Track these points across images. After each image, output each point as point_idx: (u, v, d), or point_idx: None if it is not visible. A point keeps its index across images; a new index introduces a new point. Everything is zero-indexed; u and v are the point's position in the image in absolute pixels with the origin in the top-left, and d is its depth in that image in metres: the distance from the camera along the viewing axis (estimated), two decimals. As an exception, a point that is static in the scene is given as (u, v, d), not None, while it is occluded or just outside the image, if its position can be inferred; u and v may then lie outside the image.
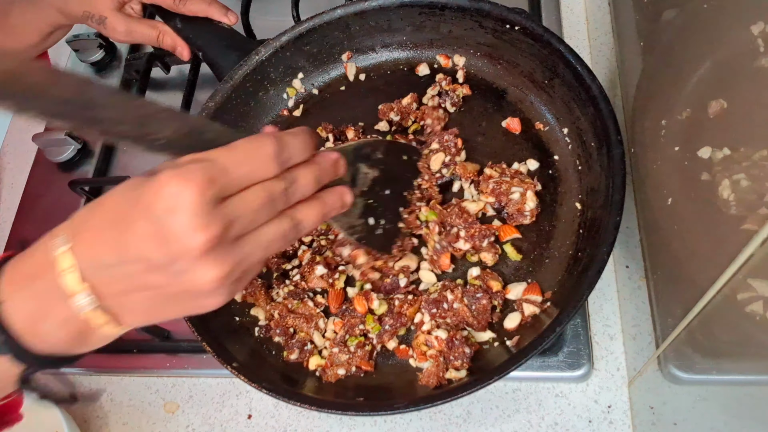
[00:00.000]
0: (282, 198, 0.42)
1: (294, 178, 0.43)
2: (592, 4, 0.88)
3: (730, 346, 0.46)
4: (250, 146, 0.41)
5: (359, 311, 0.63)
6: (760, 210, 0.37)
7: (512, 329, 0.61)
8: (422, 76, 0.78)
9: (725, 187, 0.41)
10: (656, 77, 0.60)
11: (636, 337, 0.64)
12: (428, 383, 0.59)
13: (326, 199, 0.47)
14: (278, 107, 0.80)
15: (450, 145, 0.69)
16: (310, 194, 0.45)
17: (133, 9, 0.81)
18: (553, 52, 0.67)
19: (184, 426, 0.73)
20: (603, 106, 0.62)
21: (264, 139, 0.41)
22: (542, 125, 0.71)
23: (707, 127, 0.47)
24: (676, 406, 0.55)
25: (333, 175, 0.48)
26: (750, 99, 0.43)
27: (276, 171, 0.42)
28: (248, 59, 0.75)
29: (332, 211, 0.48)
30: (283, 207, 0.43)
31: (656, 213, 0.59)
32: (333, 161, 0.48)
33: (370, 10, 0.75)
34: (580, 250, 0.62)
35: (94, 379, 0.78)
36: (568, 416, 0.66)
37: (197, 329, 0.61)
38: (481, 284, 0.63)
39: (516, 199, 0.65)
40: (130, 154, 0.92)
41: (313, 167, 0.45)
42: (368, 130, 0.76)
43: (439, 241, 0.65)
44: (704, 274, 0.42)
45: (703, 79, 0.50)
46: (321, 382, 0.63)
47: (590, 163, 0.65)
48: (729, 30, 0.47)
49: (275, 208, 0.42)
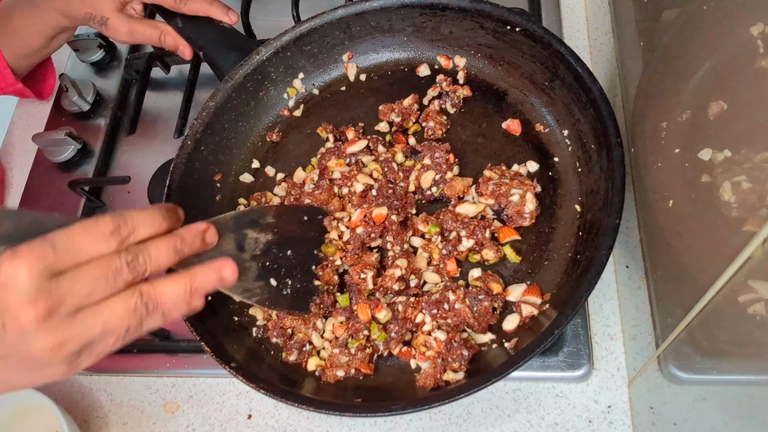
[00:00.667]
0: (125, 272, 0.43)
1: (140, 251, 0.45)
2: (592, 4, 0.89)
3: (730, 346, 0.46)
4: (87, 224, 0.43)
5: (362, 319, 0.63)
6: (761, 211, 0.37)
7: (511, 331, 0.61)
8: (423, 76, 0.78)
9: (726, 190, 0.41)
10: (656, 78, 0.60)
11: (636, 337, 0.64)
12: (425, 384, 0.59)
13: (196, 272, 0.48)
14: (279, 107, 0.80)
15: (441, 162, 0.69)
16: (168, 265, 0.47)
17: (135, 9, 0.81)
18: (554, 53, 0.67)
19: (184, 426, 0.73)
20: (603, 109, 0.62)
21: (103, 217, 0.44)
22: (542, 127, 0.71)
23: (708, 128, 0.47)
24: (676, 406, 0.55)
25: (200, 246, 0.50)
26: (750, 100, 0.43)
27: (114, 246, 0.43)
28: (249, 59, 0.75)
29: (207, 285, 0.49)
30: (129, 281, 0.44)
31: (656, 214, 0.59)
32: (197, 232, 0.50)
33: (371, 10, 0.75)
34: (579, 253, 0.62)
35: (94, 379, 0.78)
36: (568, 416, 0.66)
37: (196, 329, 0.61)
38: (482, 285, 0.63)
39: (515, 201, 0.65)
40: (130, 154, 0.92)
41: (169, 239, 0.47)
42: (368, 131, 0.77)
43: (444, 248, 0.65)
44: (704, 275, 0.42)
45: (703, 81, 0.50)
46: (320, 383, 0.63)
47: (590, 165, 0.65)
48: (728, 31, 0.47)
49: (117, 283, 0.43)
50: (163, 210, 0.48)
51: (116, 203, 0.88)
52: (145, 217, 0.45)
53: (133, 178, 0.85)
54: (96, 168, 0.91)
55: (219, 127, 0.75)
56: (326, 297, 0.64)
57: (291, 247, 0.64)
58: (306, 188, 0.72)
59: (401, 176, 0.70)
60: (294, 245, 0.64)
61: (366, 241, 0.66)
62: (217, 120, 0.74)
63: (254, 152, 0.78)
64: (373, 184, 0.69)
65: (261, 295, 0.60)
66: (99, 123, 0.95)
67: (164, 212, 0.48)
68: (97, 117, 0.96)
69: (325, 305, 0.64)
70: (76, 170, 0.92)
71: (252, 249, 0.61)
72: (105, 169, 0.91)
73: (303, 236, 0.66)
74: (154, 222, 0.46)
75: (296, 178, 0.75)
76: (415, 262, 0.65)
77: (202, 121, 0.73)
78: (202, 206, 0.73)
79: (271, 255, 0.62)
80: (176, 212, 0.50)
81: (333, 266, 0.65)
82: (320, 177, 0.73)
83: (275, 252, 0.62)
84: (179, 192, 0.70)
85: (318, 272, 0.65)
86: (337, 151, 0.73)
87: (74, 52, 1.01)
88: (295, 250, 0.64)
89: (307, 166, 0.76)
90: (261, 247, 0.61)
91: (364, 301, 0.63)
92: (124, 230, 0.44)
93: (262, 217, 0.63)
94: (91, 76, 1.00)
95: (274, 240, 0.63)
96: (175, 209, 0.50)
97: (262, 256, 0.61)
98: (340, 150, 0.73)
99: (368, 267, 0.64)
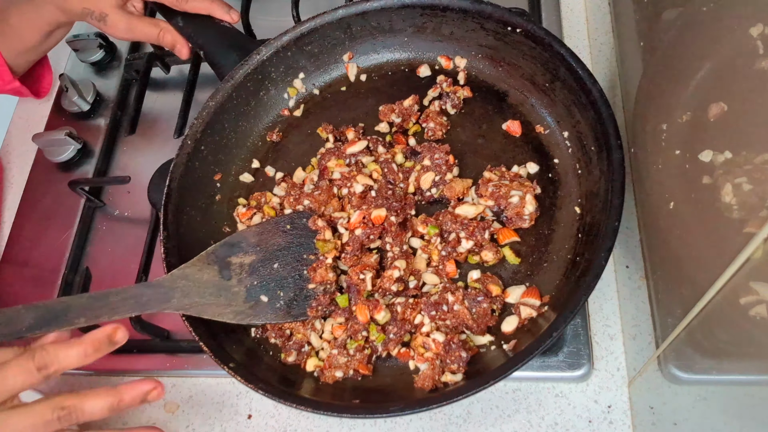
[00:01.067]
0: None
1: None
2: (592, 4, 0.89)
3: (730, 346, 0.46)
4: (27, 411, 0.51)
5: (361, 320, 0.63)
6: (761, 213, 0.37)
7: (509, 332, 0.61)
8: (423, 77, 0.78)
9: (727, 191, 0.41)
10: (656, 79, 0.60)
11: (636, 337, 0.65)
12: (424, 386, 0.59)
13: (85, 339, 0.53)
14: (279, 107, 0.80)
15: (440, 163, 0.69)
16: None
17: (135, 7, 0.81)
18: (555, 55, 0.67)
19: (184, 426, 0.73)
20: (603, 111, 0.62)
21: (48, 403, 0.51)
22: (543, 128, 0.71)
23: (708, 130, 0.47)
24: (676, 406, 0.55)
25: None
26: (750, 101, 0.43)
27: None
28: (249, 58, 0.75)
29: (94, 355, 0.54)
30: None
31: (657, 215, 0.59)
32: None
33: (371, 10, 0.75)
34: (579, 255, 0.62)
35: (94, 380, 0.78)
36: (568, 416, 0.66)
37: (195, 329, 0.61)
38: (481, 287, 0.63)
39: (515, 203, 0.65)
40: (130, 154, 0.92)
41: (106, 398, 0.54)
42: (368, 131, 0.77)
43: (443, 249, 0.65)
44: (705, 275, 0.42)
45: (704, 82, 0.50)
46: (318, 384, 0.63)
47: (590, 167, 0.65)
48: (728, 32, 0.47)
49: None
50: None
51: (116, 203, 0.88)
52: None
53: (133, 178, 0.84)
54: (96, 168, 0.90)
55: (219, 126, 0.75)
56: (322, 297, 0.64)
57: (277, 259, 0.65)
58: (305, 189, 0.72)
59: (401, 177, 0.70)
60: (280, 257, 0.66)
61: (365, 242, 0.66)
62: (217, 120, 0.74)
63: (254, 152, 0.78)
64: (373, 185, 0.69)
65: (253, 315, 0.62)
66: (99, 123, 0.95)
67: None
68: (97, 117, 0.96)
69: (322, 306, 0.64)
70: (76, 170, 0.92)
71: (238, 274, 0.63)
72: (105, 169, 0.91)
73: (288, 245, 0.67)
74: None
75: (296, 178, 0.75)
76: (415, 264, 0.66)
77: (202, 120, 0.73)
78: (202, 206, 0.73)
79: (257, 274, 0.64)
80: (110, 340, 0.55)
81: (325, 264, 0.65)
82: (320, 177, 0.73)
83: (261, 269, 0.64)
84: (179, 192, 0.70)
85: (309, 274, 0.65)
86: (337, 151, 0.73)
87: (74, 52, 1.00)
88: (282, 262, 0.65)
89: (306, 167, 0.76)
90: (246, 269, 0.63)
91: (363, 302, 0.63)
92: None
93: (244, 240, 0.65)
94: (91, 76, 1.00)
95: (258, 258, 0.65)
96: (110, 337, 0.55)
97: (248, 277, 0.63)
98: (340, 150, 0.73)
99: (367, 268, 0.64)
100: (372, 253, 0.66)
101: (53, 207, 0.89)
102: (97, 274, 0.82)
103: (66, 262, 0.83)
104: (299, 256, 0.66)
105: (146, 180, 0.84)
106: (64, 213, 0.88)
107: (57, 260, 0.84)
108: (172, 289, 0.60)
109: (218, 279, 0.62)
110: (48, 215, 0.89)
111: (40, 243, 0.87)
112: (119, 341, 0.55)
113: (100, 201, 0.88)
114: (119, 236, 0.85)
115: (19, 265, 0.86)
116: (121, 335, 0.55)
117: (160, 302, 0.59)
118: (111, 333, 0.54)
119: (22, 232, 0.89)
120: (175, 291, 0.60)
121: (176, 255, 0.66)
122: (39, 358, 0.52)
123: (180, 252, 0.67)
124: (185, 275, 0.62)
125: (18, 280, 0.85)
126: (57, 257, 0.85)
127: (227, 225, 0.74)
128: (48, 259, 0.85)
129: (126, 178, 0.84)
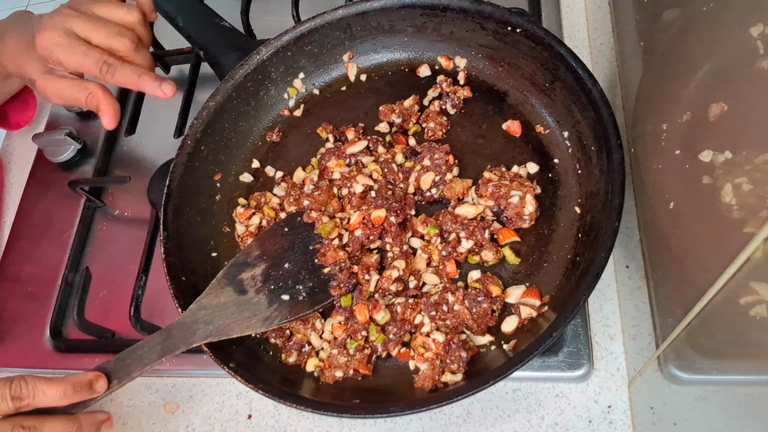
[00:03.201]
0: None
1: None
2: (592, 4, 0.89)
3: (730, 346, 0.46)
4: None
5: (360, 320, 0.63)
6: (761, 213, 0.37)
7: (509, 332, 0.61)
8: (423, 77, 0.78)
9: (727, 192, 0.41)
10: (656, 79, 0.60)
11: (636, 337, 0.65)
12: (424, 386, 0.59)
13: (67, 380, 0.56)
14: (279, 107, 0.80)
15: (440, 163, 0.69)
16: None
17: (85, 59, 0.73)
18: (555, 55, 0.67)
19: (184, 426, 0.73)
20: (603, 111, 0.62)
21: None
22: (543, 128, 0.71)
23: (708, 130, 0.47)
24: (676, 406, 0.55)
25: None
26: (750, 101, 0.43)
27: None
28: (249, 58, 0.75)
29: (72, 397, 0.57)
30: None
31: (657, 215, 0.59)
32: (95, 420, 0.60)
33: (371, 10, 0.75)
34: (579, 255, 0.62)
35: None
36: (568, 416, 0.66)
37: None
38: (481, 287, 0.63)
39: (515, 203, 0.65)
40: (130, 154, 0.92)
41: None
42: (369, 131, 0.77)
43: (443, 249, 0.65)
44: (705, 275, 0.42)
45: (704, 82, 0.50)
46: (318, 384, 0.63)
47: (590, 167, 0.65)
48: (728, 32, 0.47)
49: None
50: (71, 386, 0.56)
51: (116, 203, 0.88)
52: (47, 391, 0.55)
53: (133, 178, 0.84)
54: (96, 168, 0.91)
55: (219, 126, 0.75)
56: (341, 275, 0.64)
57: (286, 260, 0.67)
58: (305, 189, 0.72)
59: (401, 177, 0.70)
60: (288, 257, 0.67)
61: (365, 243, 0.66)
62: (217, 120, 0.74)
63: (254, 152, 0.78)
64: (373, 185, 0.69)
65: (281, 315, 0.63)
66: (99, 123, 0.95)
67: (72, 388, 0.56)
68: (97, 117, 0.96)
69: (344, 282, 0.64)
70: (76, 170, 0.92)
71: (253, 286, 0.64)
72: (105, 169, 0.91)
73: (292, 244, 0.68)
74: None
75: (296, 178, 0.75)
76: (415, 264, 0.66)
77: (202, 120, 0.73)
78: (202, 206, 0.73)
79: (271, 279, 0.65)
80: (90, 386, 0.57)
81: (332, 246, 0.66)
82: (320, 177, 0.73)
83: (273, 274, 0.66)
84: (179, 192, 0.70)
85: (321, 260, 0.66)
86: (337, 151, 0.73)
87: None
88: (291, 261, 0.67)
89: (306, 167, 0.76)
90: (260, 279, 0.65)
91: (363, 302, 0.63)
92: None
93: (248, 255, 0.67)
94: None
95: (267, 266, 0.66)
96: (91, 383, 0.57)
97: (263, 285, 0.65)
98: (340, 150, 0.73)
99: (371, 269, 0.64)
100: (372, 253, 0.67)
101: (53, 207, 0.89)
102: (97, 274, 0.82)
103: (66, 261, 0.83)
104: (306, 249, 0.67)
105: (146, 180, 0.84)
106: (64, 213, 0.88)
107: (57, 260, 0.84)
108: (194, 322, 0.61)
109: (236, 297, 0.64)
110: (48, 215, 0.89)
111: (40, 243, 0.87)
112: (98, 391, 0.57)
113: (100, 201, 0.88)
114: (119, 236, 0.85)
115: (20, 265, 0.86)
116: (101, 385, 0.57)
117: (187, 338, 0.60)
118: (93, 380, 0.57)
119: (22, 232, 0.89)
120: (198, 324, 0.61)
121: (176, 255, 0.66)
122: (15, 388, 0.53)
123: (180, 252, 0.67)
124: (203, 306, 0.63)
125: (18, 281, 0.85)
126: (57, 257, 0.85)
127: (227, 225, 0.74)
128: (48, 258, 0.85)
129: (126, 178, 0.84)
